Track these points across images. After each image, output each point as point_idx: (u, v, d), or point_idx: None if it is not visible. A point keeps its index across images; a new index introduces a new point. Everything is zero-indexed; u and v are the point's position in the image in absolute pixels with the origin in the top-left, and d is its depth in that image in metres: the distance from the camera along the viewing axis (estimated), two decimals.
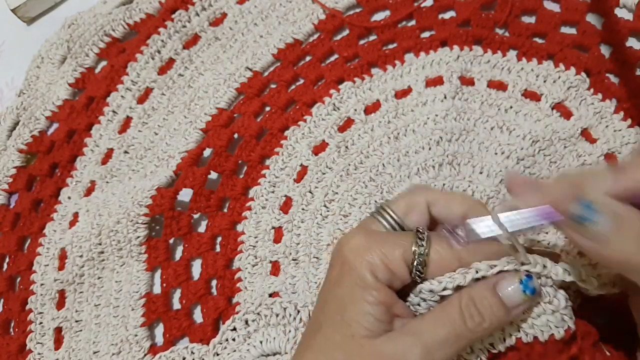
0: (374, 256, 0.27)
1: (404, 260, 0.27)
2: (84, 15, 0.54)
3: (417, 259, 0.27)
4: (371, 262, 0.27)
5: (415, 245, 0.27)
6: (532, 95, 0.42)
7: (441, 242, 0.27)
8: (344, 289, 0.27)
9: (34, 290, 0.44)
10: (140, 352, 0.40)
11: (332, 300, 0.28)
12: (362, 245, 0.27)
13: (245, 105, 0.47)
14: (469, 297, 0.26)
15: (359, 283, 0.27)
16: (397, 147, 0.42)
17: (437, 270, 0.27)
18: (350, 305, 0.27)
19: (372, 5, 0.49)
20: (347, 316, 0.27)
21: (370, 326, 0.26)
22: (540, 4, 0.45)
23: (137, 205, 0.43)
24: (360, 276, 0.26)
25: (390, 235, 0.28)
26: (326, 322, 0.28)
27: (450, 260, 0.27)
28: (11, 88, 0.56)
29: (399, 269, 0.27)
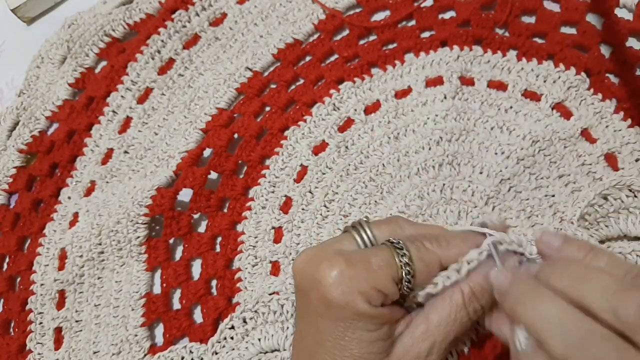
0: (364, 286, 0.25)
1: (391, 279, 0.26)
2: (84, 15, 0.54)
3: (404, 272, 0.26)
4: (362, 292, 0.25)
5: (398, 257, 0.26)
6: (532, 95, 0.42)
7: (420, 250, 0.27)
8: (340, 325, 0.26)
9: (34, 290, 0.44)
10: (140, 352, 0.40)
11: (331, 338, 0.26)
12: (345, 276, 0.25)
13: (245, 105, 0.47)
14: (470, 294, 0.27)
15: (355, 317, 0.25)
16: (397, 147, 0.42)
17: (423, 276, 0.27)
18: (355, 340, 0.26)
19: (372, 5, 0.49)
20: (356, 351, 0.26)
21: (381, 350, 0.26)
22: (540, 4, 0.45)
23: (137, 205, 0.43)
24: (356, 310, 0.25)
25: (369, 256, 0.27)
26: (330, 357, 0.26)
27: (434, 265, 0.27)
28: (11, 88, 0.56)
29: (389, 288, 0.26)
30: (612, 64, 0.42)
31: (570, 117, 0.41)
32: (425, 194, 0.40)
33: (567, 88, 0.41)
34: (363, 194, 0.41)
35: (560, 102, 0.41)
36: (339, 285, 0.25)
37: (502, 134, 0.41)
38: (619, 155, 0.39)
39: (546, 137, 0.40)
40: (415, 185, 0.40)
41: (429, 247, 0.27)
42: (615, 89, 0.41)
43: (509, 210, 0.38)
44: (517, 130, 0.41)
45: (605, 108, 0.40)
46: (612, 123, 0.40)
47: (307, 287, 0.27)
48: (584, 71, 0.42)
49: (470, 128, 0.41)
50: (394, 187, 0.41)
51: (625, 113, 0.40)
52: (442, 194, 0.39)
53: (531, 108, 0.41)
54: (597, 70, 0.42)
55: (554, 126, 0.40)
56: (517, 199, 0.38)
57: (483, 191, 0.39)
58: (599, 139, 0.40)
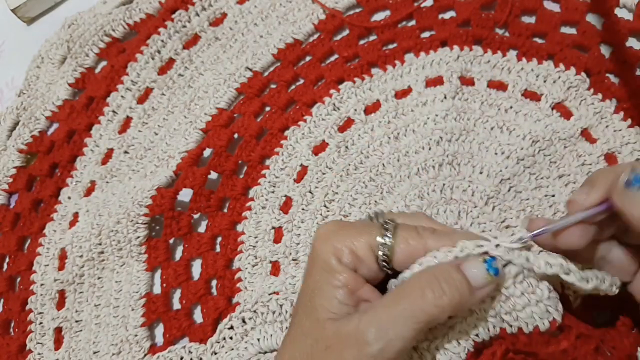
0: (339, 241, 0.27)
1: (369, 248, 0.27)
2: (84, 15, 0.54)
3: (381, 248, 0.27)
4: (336, 247, 0.27)
5: (381, 235, 0.27)
6: (532, 95, 0.42)
7: (409, 231, 0.27)
8: (313, 276, 0.28)
9: (34, 290, 0.44)
10: (140, 352, 0.40)
11: (304, 289, 0.28)
12: (328, 232, 0.28)
13: (245, 105, 0.47)
14: (430, 274, 0.26)
15: (324, 267, 0.27)
16: (397, 147, 0.42)
17: (404, 259, 0.27)
18: (317, 291, 0.27)
19: (372, 5, 0.49)
20: (314, 301, 0.27)
21: (334, 309, 0.26)
22: (540, 4, 0.45)
23: (137, 205, 0.43)
24: (326, 261, 0.27)
25: (359, 224, 0.29)
26: (299, 310, 0.28)
27: (418, 248, 0.27)
28: (11, 88, 0.56)
29: (365, 255, 0.27)
30: (612, 64, 0.42)
31: (570, 117, 0.41)
32: (425, 194, 0.40)
33: (567, 88, 0.41)
34: (363, 194, 0.41)
35: (560, 102, 0.41)
36: (322, 236, 0.28)
37: (502, 134, 0.41)
38: (619, 155, 0.39)
39: (546, 137, 0.40)
40: (415, 185, 0.40)
41: (420, 232, 0.27)
42: (615, 89, 0.41)
43: (509, 210, 0.38)
44: (517, 130, 0.41)
45: (605, 108, 0.40)
46: (612, 123, 0.40)
47: (310, 251, 0.29)
48: (584, 71, 0.42)
49: (470, 128, 0.41)
50: (394, 187, 0.41)
51: (625, 113, 0.40)
52: (442, 194, 0.39)
53: (531, 108, 0.41)
54: (597, 70, 0.42)
55: (554, 126, 0.40)
56: (517, 199, 0.38)
57: (483, 191, 0.39)
58: (599, 139, 0.40)
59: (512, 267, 0.27)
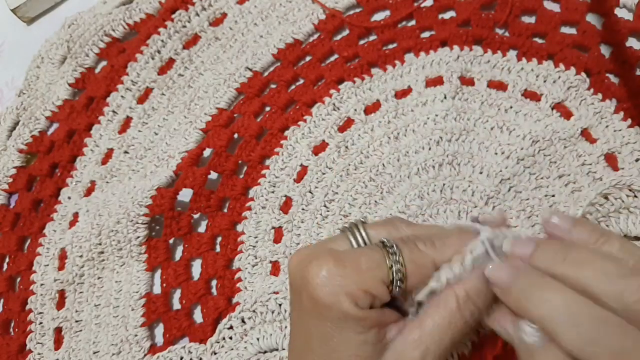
0: (351, 285, 0.25)
1: (381, 280, 0.25)
2: (84, 15, 0.54)
3: (395, 274, 0.25)
4: (349, 293, 0.25)
5: (389, 259, 0.26)
6: (532, 95, 0.42)
7: (413, 251, 0.26)
8: (327, 326, 0.25)
9: (34, 290, 0.44)
10: (140, 352, 0.40)
11: (318, 339, 0.26)
12: (333, 276, 0.25)
13: (245, 105, 0.47)
14: (466, 296, 0.25)
15: (342, 318, 0.25)
16: (397, 147, 0.42)
17: (415, 279, 0.26)
18: (342, 342, 0.25)
19: (372, 5, 0.49)
20: (342, 353, 0.25)
21: (368, 354, 0.25)
22: (540, 4, 0.45)
23: (137, 205, 0.43)
24: (343, 311, 0.25)
25: (359, 256, 0.26)
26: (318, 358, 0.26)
27: (427, 266, 0.26)
28: (11, 88, 0.56)
29: (379, 290, 0.25)
30: (612, 64, 0.42)
31: (570, 117, 0.41)
32: (425, 194, 0.40)
33: (567, 88, 0.41)
34: (363, 194, 0.41)
35: (560, 102, 0.41)
36: (326, 284, 0.25)
37: (502, 134, 0.41)
38: (619, 155, 0.39)
39: (546, 137, 0.40)
40: (415, 185, 0.40)
41: (422, 248, 0.27)
42: (615, 89, 0.41)
43: (509, 210, 0.38)
44: (517, 130, 0.41)
45: (605, 108, 0.40)
46: (612, 123, 0.40)
47: (298, 287, 0.26)
48: (584, 71, 0.42)
49: (470, 128, 0.41)
50: (394, 187, 0.41)
51: (625, 113, 0.40)
52: (442, 194, 0.39)
53: (531, 108, 0.41)
54: (597, 70, 0.42)
55: (554, 126, 0.40)
56: (517, 199, 0.38)
57: (483, 191, 0.39)
58: (599, 139, 0.40)
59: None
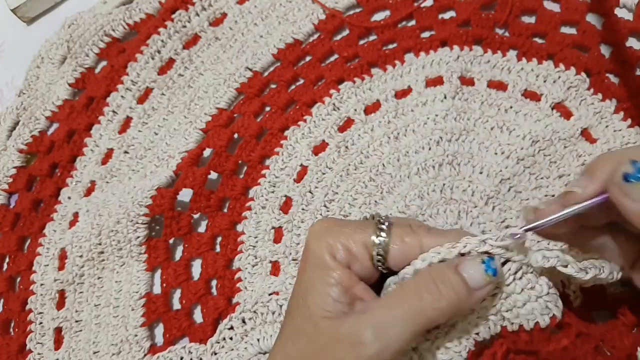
0: (333, 238, 0.27)
1: (364, 245, 0.27)
2: (84, 15, 0.54)
3: (377, 246, 0.27)
4: (329, 244, 0.27)
5: (375, 233, 0.27)
6: (532, 95, 0.42)
7: (404, 229, 0.27)
8: (307, 273, 0.27)
9: (34, 290, 0.44)
10: (140, 352, 0.40)
11: (297, 286, 0.28)
12: (324, 228, 0.28)
13: (245, 105, 0.47)
14: (428, 276, 0.26)
15: (318, 265, 0.27)
16: (397, 147, 0.42)
17: (399, 257, 0.27)
18: (310, 288, 0.27)
19: (372, 5, 0.49)
20: (308, 299, 0.27)
21: (328, 307, 0.26)
22: (540, 4, 0.45)
23: (137, 205, 0.43)
24: (320, 258, 0.27)
25: (354, 222, 0.29)
26: (293, 308, 0.28)
27: (413, 246, 0.27)
28: (11, 88, 0.56)
29: (359, 252, 0.27)
30: (612, 64, 0.42)
31: (570, 117, 0.41)
32: (425, 194, 0.40)
33: (567, 88, 0.41)
34: (363, 194, 0.41)
35: (560, 102, 0.41)
36: (316, 233, 0.28)
37: (502, 134, 0.41)
38: None
39: (546, 137, 0.40)
40: (415, 185, 0.40)
41: (415, 230, 0.27)
42: (615, 89, 0.41)
43: (509, 210, 0.38)
44: (517, 130, 0.41)
45: (605, 108, 0.40)
46: (612, 123, 0.40)
47: (305, 242, 0.29)
48: (584, 71, 0.42)
49: (470, 128, 0.41)
50: (394, 187, 0.41)
51: (625, 113, 0.40)
52: (442, 194, 0.39)
53: (531, 108, 0.41)
54: (597, 70, 0.42)
55: (554, 126, 0.40)
56: (517, 199, 0.38)
57: (483, 191, 0.39)
58: (599, 139, 0.40)
59: (512, 264, 0.27)
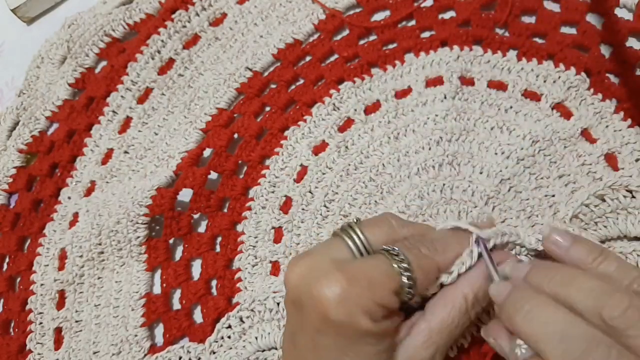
0: (367, 303, 0.24)
1: (393, 292, 0.25)
2: (84, 15, 0.54)
3: (406, 285, 0.26)
4: (366, 311, 0.24)
5: (398, 269, 0.25)
6: (532, 95, 0.42)
7: (416, 256, 0.26)
8: (341, 342, 0.25)
9: (34, 290, 0.44)
10: (140, 352, 0.40)
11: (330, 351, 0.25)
12: (347, 295, 0.24)
13: (245, 105, 0.47)
14: (474, 298, 0.27)
15: (359, 335, 0.25)
16: (397, 147, 0.42)
17: (423, 284, 0.27)
18: (359, 356, 0.25)
19: (372, 5, 0.49)
20: None
21: (385, 358, 0.26)
22: (540, 4, 0.45)
23: (137, 205, 0.43)
24: (361, 329, 0.24)
25: (369, 269, 0.26)
26: None
27: (432, 270, 0.27)
28: (11, 88, 0.56)
29: (391, 300, 0.25)
30: (612, 64, 0.42)
31: (570, 117, 0.41)
32: (425, 194, 0.40)
33: (567, 88, 0.41)
34: (363, 194, 0.41)
35: (560, 102, 0.41)
36: (342, 304, 0.24)
37: (502, 134, 0.41)
38: (619, 155, 0.39)
39: (546, 137, 0.40)
40: (415, 185, 0.40)
41: (427, 253, 0.27)
42: (615, 89, 0.41)
43: (509, 210, 0.38)
44: (517, 130, 0.40)
45: (605, 108, 0.40)
46: (612, 123, 0.40)
47: (304, 303, 0.25)
48: (584, 71, 0.42)
49: (470, 128, 0.41)
50: (394, 187, 0.41)
51: (625, 113, 0.40)
52: (442, 194, 0.39)
53: (531, 108, 0.41)
54: (597, 70, 0.42)
55: (554, 126, 0.40)
56: (517, 199, 0.38)
57: (483, 191, 0.39)
58: (599, 139, 0.39)
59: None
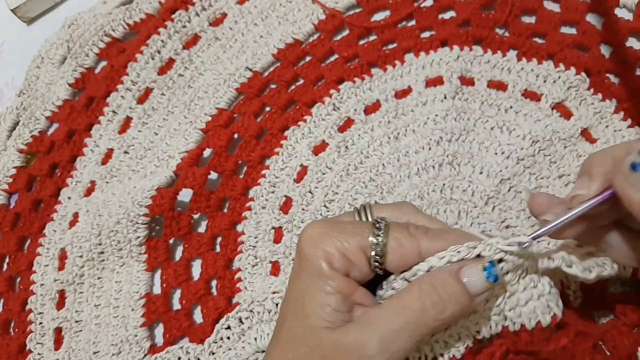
0: (330, 245, 0.26)
1: (361, 250, 0.26)
2: (84, 15, 0.54)
3: (374, 249, 0.26)
4: (327, 251, 0.26)
5: (372, 235, 0.26)
6: (532, 95, 0.42)
7: (401, 231, 0.27)
8: (302, 280, 0.27)
9: (34, 290, 0.44)
10: (140, 352, 0.40)
11: (293, 292, 0.27)
12: (318, 234, 0.27)
13: (245, 105, 0.47)
14: (430, 285, 0.25)
15: (315, 273, 0.26)
16: (397, 147, 0.42)
17: (397, 260, 0.26)
18: (308, 297, 0.26)
19: (372, 5, 0.49)
20: (306, 308, 0.26)
21: (328, 317, 0.26)
22: (540, 4, 0.45)
23: (137, 205, 0.43)
24: (317, 266, 0.26)
25: (349, 224, 0.28)
26: (289, 315, 0.27)
27: (411, 249, 0.26)
28: (11, 88, 0.56)
29: (356, 258, 0.26)
30: (612, 64, 0.42)
31: (570, 117, 0.41)
32: (425, 194, 0.40)
33: (567, 88, 0.41)
34: (363, 194, 0.41)
35: (560, 102, 0.41)
36: (310, 239, 0.27)
37: (502, 134, 0.41)
38: None
39: (546, 137, 0.40)
40: (415, 185, 0.40)
41: (412, 232, 0.27)
42: (615, 89, 0.41)
43: (509, 210, 0.38)
44: (517, 130, 0.41)
45: (605, 108, 0.40)
46: (612, 123, 0.40)
47: (297, 247, 0.28)
48: (584, 71, 0.42)
49: (470, 128, 0.41)
50: (394, 187, 0.41)
51: (625, 113, 0.40)
52: (442, 194, 0.39)
53: (531, 108, 0.41)
54: (597, 70, 0.42)
55: (554, 126, 0.40)
56: (517, 199, 0.38)
57: (483, 191, 0.39)
58: (599, 139, 0.40)
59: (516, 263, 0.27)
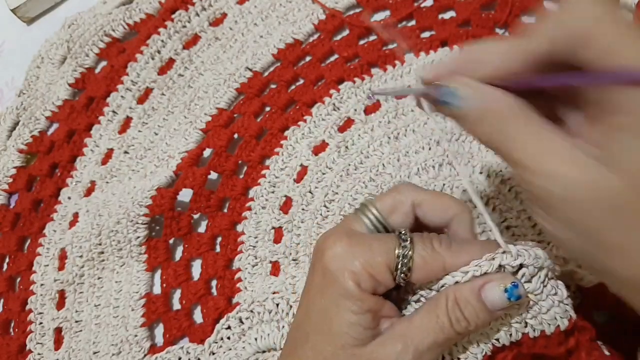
0: (357, 265, 0.26)
1: (387, 267, 0.26)
2: (84, 15, 0.54)
3: (401, 264, 0.26)
4: (354, 272, 0.26)
5: (399, 248, 0.26)
6: None
7: (425, 245, 0.27)
8: (327, 299, 0.27)
9: (34, 290, 0.44)
10: (140, 352, 0.40)
11: (317, 310, 0.27)
12: (344, 253, 0.27)
13: (245, 105, 0.47)
14: (453, 301, 0.26)
15: (342, 294, 0.26)
16: (397, 147, 0.42)
17: (421, 273, 0.27)
18: (336, 317, 0.26)
19: (372, 5, 0.49)
20: (334, 327, 0.26)
21: (358, 335, 0.26)
22: (540, 4, 0.45)
23: (137, 205, 0.43)
24: (344, 287, 0.26)
25: (373, 240, 0.27)
26: (314, 333, 0.27)
27: (435, 263, 0.27)
28: (11, 88, 0.56)
29: (383, 276, 0.26)
30: None
31: None
32: None
33: None
34: (363, 194, 0.41)
35: None
36: (336, 257, 0.27)
37: None
38: None
39: None
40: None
41: (436, 247, 0.27)
42: None
43: (509, 211, 0.38)
44: None
45: None
46: None
47: (315, 260, 0.28)
48: None
49: None
50: None
51: None
52: None
53: None
54: None
55: None
56: (517, 199, 0.38)
57: (483, 191, 0.39)
58: None
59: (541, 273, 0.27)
